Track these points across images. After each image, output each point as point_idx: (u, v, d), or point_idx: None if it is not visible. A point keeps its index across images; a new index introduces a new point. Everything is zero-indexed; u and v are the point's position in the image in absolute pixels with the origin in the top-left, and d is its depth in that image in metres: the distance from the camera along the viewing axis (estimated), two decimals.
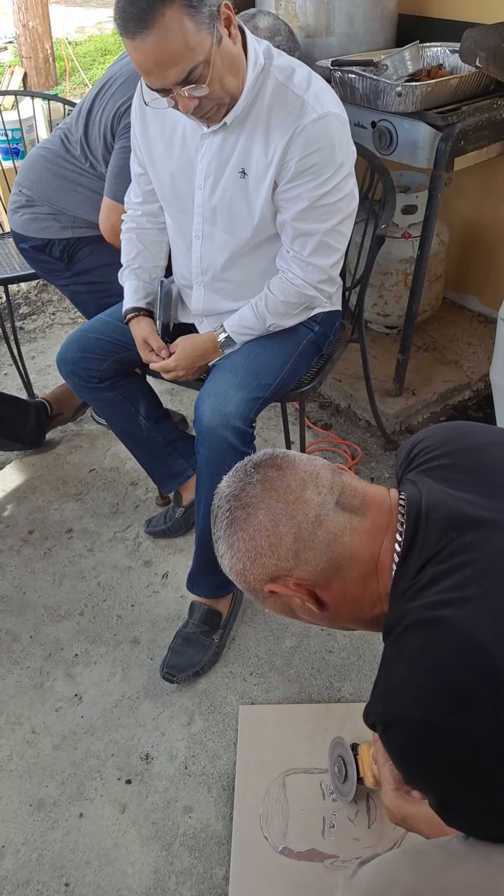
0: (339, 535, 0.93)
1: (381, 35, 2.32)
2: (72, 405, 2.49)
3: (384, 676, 0.88)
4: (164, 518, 2.09)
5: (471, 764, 0.80)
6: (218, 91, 1.35)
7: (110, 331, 1.80)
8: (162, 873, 1.39)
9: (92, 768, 1.56)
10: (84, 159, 1.97)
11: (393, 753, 0.87)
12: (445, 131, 1.99)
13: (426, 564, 0.88)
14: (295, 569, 0.94)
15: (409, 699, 0.82)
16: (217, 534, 0.99)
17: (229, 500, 0.97)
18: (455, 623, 0.81)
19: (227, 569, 1.00)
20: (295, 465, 0.97)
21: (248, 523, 0.95)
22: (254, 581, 0.97)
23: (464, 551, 0.85)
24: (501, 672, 0.77)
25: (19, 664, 1.78)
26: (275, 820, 1.44)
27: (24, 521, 2.19)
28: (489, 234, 2.64)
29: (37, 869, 1.41)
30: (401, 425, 2.39)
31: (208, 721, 1.63)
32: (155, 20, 1.23)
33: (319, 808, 1.45)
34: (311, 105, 1.41)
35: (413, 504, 0.92)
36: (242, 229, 1.56)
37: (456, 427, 1.06)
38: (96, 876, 1.40)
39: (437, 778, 0.85)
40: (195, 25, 1.26)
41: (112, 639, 1.83)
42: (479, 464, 0.95)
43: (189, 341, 1.68)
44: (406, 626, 0.85)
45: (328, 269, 1.58)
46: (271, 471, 0.97)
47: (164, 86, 1.32)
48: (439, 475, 0.96)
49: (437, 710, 0.80)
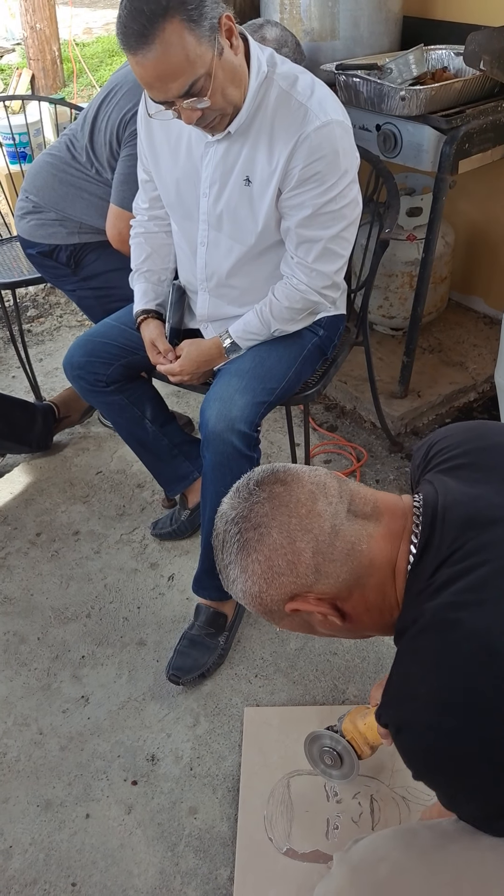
0: (356, 543, 0.91)
1: (386, 38, 2.33)
2: (79, 408, 2.51)
3: (398, 678, 0.88)
4: (170, 520, 2.10)
5: (482, 768, 0.81)
6: (220, 102, 1.37)
7: (117, 335, 1.82)
8: (167, 874, 1.41)
9: (98, 769, 1.58)
10: (90, 166, 1.99)
11: (405, 754, 0.88)
12: (450, 134, 2.00)
13: (442, 565, 0.87)
14: (316, 584, 0.92)
15: (423, 702, 0.83)
16: (227, 559, 0.95)
17: (237, 522, 0.94)
18: (469, 626, 0.81)
19: (241, 593, 0.96)
20: (300, 478, 0.95)
21: (262, 544, 0.92)
22: (271, 603, 0.94)
23: (480, 552, 0.85)
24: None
25: (27, 666, 1.80)
26: (279, 821, 1.45)
27: (32, 524, 2.20)
28: (495, 235, 2.64)
29: (44, 869, 1.43)
30: (406, 427, 2.40)
31: (213, 723, 1.64)
32: (156, 35, 1.24)
33: (323, 809, 1.46)
34: (314, 112, 1.42)
35: (430, 504, 0.91)
36: (247, 236, 1.57)
37: (473, 427, 1.05)
38: (102, 876, 1.41)
39: (448, 779, 0.86)
40: (196, 39, 1.27)
41: (118, 641, 1.84)
42: (498, 463, 0.95)
43: (194, 346, 1.69)
44: (421, 627, 0.85)
45: (332, 275, 1.59)
46: (277, 486, 0.94)
47: (167, 99, 1.33)
48: (457, 475, 0.95)
49: (450, 713, 0.81)
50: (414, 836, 0.94)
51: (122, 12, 1.27)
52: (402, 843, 0.93)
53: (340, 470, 2.29)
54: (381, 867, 0.91)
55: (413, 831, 0.95)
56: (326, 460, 2.34)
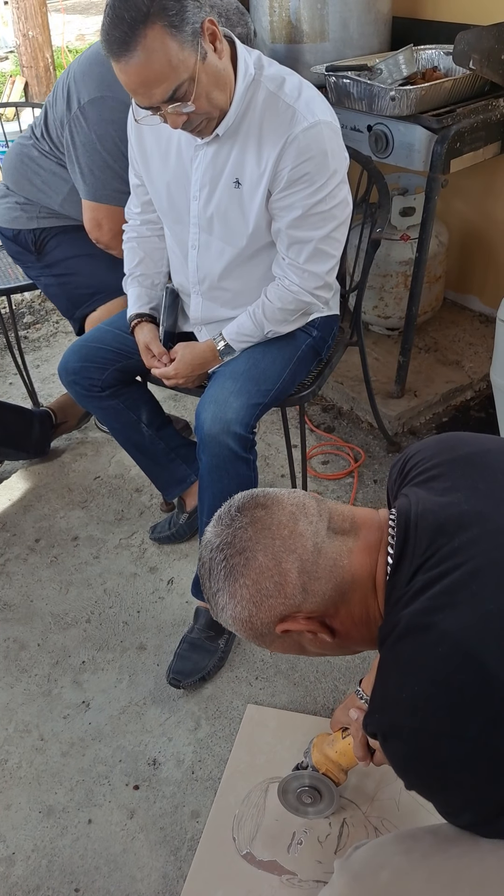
0: (338, 559, 0.93)
1: (376, 39, 2.33)
2: (76, 413, 2.51)
3: (381, 686, 0.89)
4: (169, 524, 2.10)
5: (468, 769, 0.81)
6: (205, 106, 1.37)
7: (111, 339, 1.82)
8: (170, 878, 1.40)
9: (100, 774, 1.58)
10: (43, 141, 1.99)
11: (393, 761, 0.89)
12: (441, 134, 2.00)
13: (417, 571, 0.88)
14: (304, 603, 0.93)
15: (405, 708, 0.84)
16: (215, 587, 0.96)
17: (222, 549, 0.95)
18: (444, 629, 0.82)
19: (230, 619, 0.96)
20: (280, 501, 0.97)
21: (248, 568, 0.93)
22: (262, 626, 0.95)
23: (453, 556, 0.86)
24: (491, 676, 0.78)
25: (27, 672, 1.80)
26: (247, 824, 1.45)
27: (31, 530, 2.20)
28: (488, 233, 2.64)
29: (46, 875, 1.43)
30: (403, 427, 2.40)
31: (214, 726, 1.64)
32: (138, 42, 1.25)
33: (293, 822, 1.44)
34: (301, 114, 1.42)
35: (403, 515, 0.93)
36: (238, 238, 1.57)
37: (445, 439, 1.07)
38: (105, 881, 1.41)
39: (438, 783, 0.86)
40: (178, 44, 1.27)
41: (118, 645, 1.84)
42: (468, 472, 0.96)
43: (188, 349, 1.69)
44: (399, 634, 0.87)
45: (324, 276, 1.59)
46: (258, 511, 0.96)
47: (151, 104, 1.34)
48: (429, 486, 0.97)
49: (433, 716, 0.81)
50: (415, 840, 0.94)
51: (104, 20, 1.27)
52: (402, 848, 0.94)
53: (338, 471, 2.29)
54: (381, 874, 0.91)
55: (414, 836, 0.95)
56: (324, 461, 2.34)
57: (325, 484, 2.25)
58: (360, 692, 1.33)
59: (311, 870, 1.38)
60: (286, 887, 1.36)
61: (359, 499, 2.19)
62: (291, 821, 1.44)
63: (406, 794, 1.43)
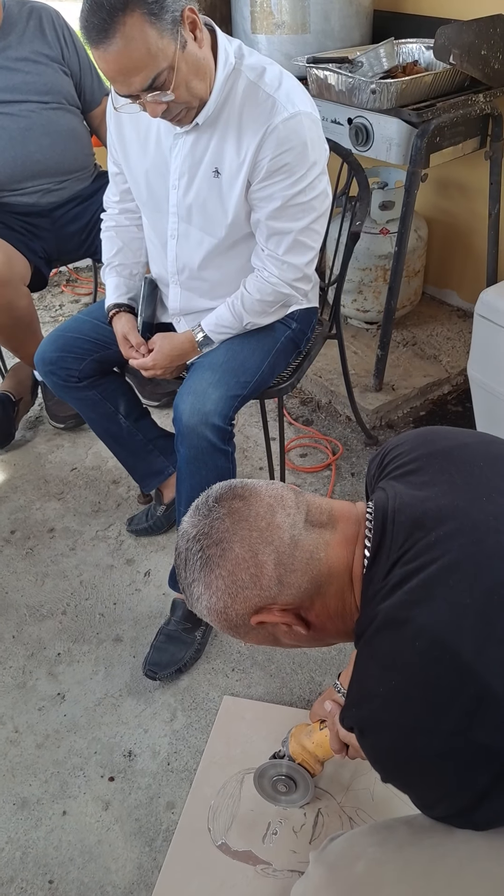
0: (315, 552, 0.93)
1: (357, 31, 2.33)
2: (26, 383, 2.51)
3: (358, 680, 0.90)
4: (146, 516, 2.09)
5: (444, 763, 0.82)
6: (184, 95, 1.36)
7: (88, 329, 1.81)
8: (145, 869, 1.40)
9: (75, 766, 1.57)
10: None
11: (370, 754, 0.89)
12: (420, 128, 2.01)
13: (394, 566, 0.89)
14: (279, 595, 0.93)
15: (382, 701, 0.84)
16: (190, 577, 0.95)
17: (199, 539, 0.94)
18: (421, 623, 0.82)
19: (206, 610, 0.96)
20: (258, 492, 0.96)
21: (224, 559, 0.92)
22: (236, 617, 0.95)
23: (430, 550, 0.86)
24: (467, 670, 0.79)
25: (1, 664, 1.79)
26: (222, 814, 1.45)
27: (6, 521, 2.19)
28: (467, 229, 2.66)
29: (20, 867, 1.42)
30: (381, 420, 2.41)
31: (190, 717, 1.64)
32: (116, 29, 1.24)
33: (268, 812, 1.45)
34: (281, 104, 1.41)
35: (380, 509, 0.93)
36: (217, 228, 1.57)
37: (423, 433, 1.07)
38: (80, 873, 1.41)
39: (414, 775, 0.87)
40: (157, 33, 1.26)
41: (94, 637, 1.84)
42: (445, 466, 0.96)
43: (167, 340, 1.68)
44: (376, 627, 0.87)
45: (303, 268, 1.59)
46: (236, 502, 0.95)
47: (130, 92, 1.33)
48: (406, 480, 0.97)
49: (409, 710, 0.82)
50: (390, 832, 0.95)
51: (83, 5, 1.26)
52: (377, 839, 0.95)
53: (316, 464, 2.30)
54: (357, 865, 0.92)
55: (389, 827, 0.96)
56: (302, 454, 2.35)
57: (303, 477, 2.26)
58: (337, 685, 1.33)
59: (285, 859, 1.38)
60: (261, 877, 1.36)
61: (336, 492, 2.19)
62: (266, 811, 1.45)
63: (381, 785, 1.43)
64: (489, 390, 2.00)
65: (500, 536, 0.86)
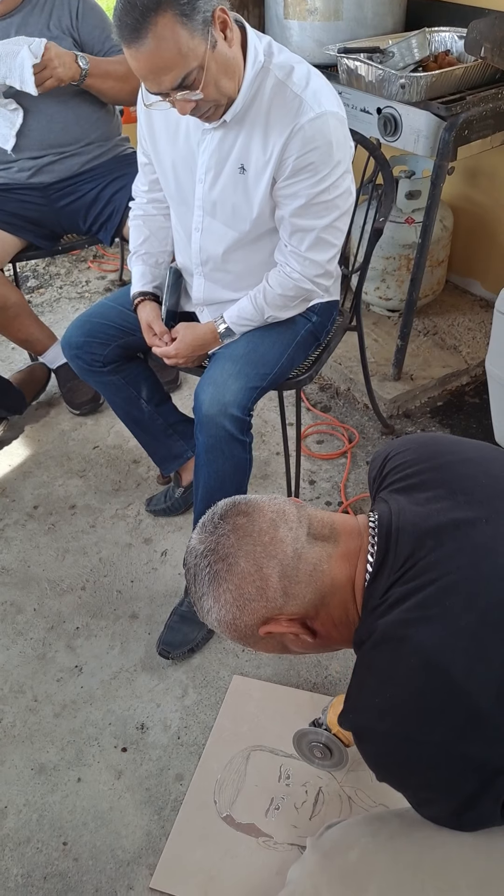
0: (318, 564, 0.98)
1: (390, 19, 2.32)
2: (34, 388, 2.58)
3: (356, 688, 0.96)
4: (165, 497, 2.15)
5: (433, 770, 0.88)
6: (214, 94, 1.39)
7: (114, 316, 1.85)
8: (153, 836, 1.48)
9: (90, 736, 1.66)
10: None
11: (365, 757, 0.95)
12: (449, 121, 2.00)
13: (395, 584, 0.93)
14: (285, 605, 0.98)
15: (378, 711, 0.90)
16: (200, 591, 1.01)
17: (206, 555, 0.99)
18: (417, 641, 0.87)
19: (216, 622, 1.01)
20: (261, 508, 1.01)
21: (231, 573, 0.97)
22: (245, 628, 1.00)
23: (430, 570, 0.91)
24: (458, 689, 0.84)
25: (23, 635, 1.87)
26: (228, 788, 1.53)
27: (30, 496, 2.26)
28: (494, 219, 2.65)
29: (37, 828, 1.51)
30: (398, 409, 2.44)
31: (201, 694, 1.72)
32: (148, 29, 1.26)
33: (272, 788, 1.53)
34: (308, 104, 1.43)
35: (384, 524, 0.97)
36: (242, 222, 1.60)
37: (426, 444, 1.10)
38: (92, 836, 1.49)
39: (406, 779, 0.94)
40: (188, 33, 1.29)
41: (112, 613, 1.91)
42: (448, 482, 1.00)
43: (189, 330, 1.72)
44: (374, 642, 0.92)
45: (325, 264, 1.61)
46: (239, 518, 1.00)
47: (161, 90, 1.36)
48: (410, 494, 1.01)
49: (402, 721, 0.88)
50: (382, 823, 1.01)
51: (117, 5, 1.29)
52: (370, 829, 1.01)
53: (333, 451, 2.34)
54: (350, 853, 0.99)
55: (382, 819, 1.02)
56: (319, 440, 2.39)
57: (318, 463, 2.30)
58: None
59: (286, 833, 1.46)
60: (262, 849, 1.44)
61: (351, 480, 2.24)
62: (270, 787, 1.52)
63: None
64: None
65: (498, 558, 0.90)
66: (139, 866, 1.44)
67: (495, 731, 0.84)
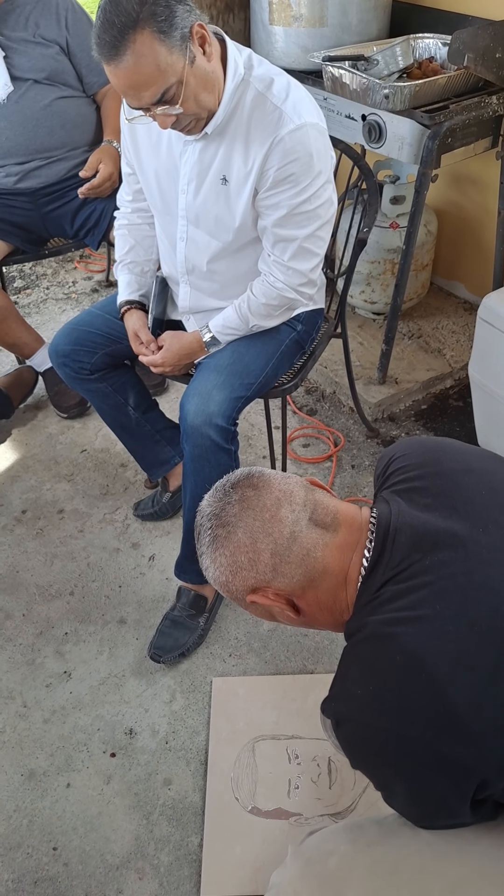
0: (312, 550, 1.02)
1: (375, 25, 2.33)
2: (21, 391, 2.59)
3: (341, 678, 0.98)
4: (152, 502, 2.17)
5: (407, 761, 0.91)
6: (193, 108, 1.40)
7: (101, 324, 1.87)
8: (142, 840, 1.51)
9: (79, 741, 1.68)
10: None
11: (342, 744, 0.99)
12: (433, 129, 2.02)
13: (388, 582, 0.97)
14: (273, 581, 1.03)
15: (359, 703, 0.93)
16: (201, 549, 1.08)
17: (210, 518, 1.06)
18: (404, 641, 0.90)
19: (212, 580, 1.09)
20: (270, 485, 1.06)
21: (228, 541, 1.03)
22: (236, 591, 1.06)
23: (423, 573, 0.94)
24: (440, 691, 0.87)
25: (12, 641, 1.89)
26: (244, 782, 1.56)
27: (18, 501, 2.27)
28: (477, 223, 2.68)
29: (27, 834, 1.53)
30: (383, 413, 2.47)
31: (189, 699, 1.74)
32: (127, 46, 1.28)
33: (285, 771, 1.58)
34: (288, 115, 1.45)
35: (383, 524, 1.01)
36: (224, 232, 1.61)
37: (431, 449, 1.13)
38: (82, 841, 1.52)
39: (378, 769, 0.97)
40: (167, 49, 1.30)
41: (100, 618, 1.93)
42: (448, 490, 1.03)
43: (176, 339, 1.74)
44: (364, 636, 0.95)
45: (308, 273, 1.63)
46: (248, 490, 1.05)
47: (141, 105, 1.38)
48: (410, 498, 1.04)
49: (382, 714, 0.91)
50: (361, 830, 1.05)
51: (96, 23, 1.30)
52: (350, 837, 1.05)
53: (318, 454, 2.37)
54: (330, 860, 1.02)
55: (361, 826, 1.06)
56: (305, 444, 2.41)
57: (304, 467, 2.33)
58: None
59: (313, 807, 1.52)
60: (296, 828, 1.49)
61: (336, 483, 2.27)
62: (284, 770, 1.57)
63: None
64: (488, 392, 2.05)
65: (490, 570, 0.93)
66: (128, 871, 1.47)
67: (470, 735, 0.87)
